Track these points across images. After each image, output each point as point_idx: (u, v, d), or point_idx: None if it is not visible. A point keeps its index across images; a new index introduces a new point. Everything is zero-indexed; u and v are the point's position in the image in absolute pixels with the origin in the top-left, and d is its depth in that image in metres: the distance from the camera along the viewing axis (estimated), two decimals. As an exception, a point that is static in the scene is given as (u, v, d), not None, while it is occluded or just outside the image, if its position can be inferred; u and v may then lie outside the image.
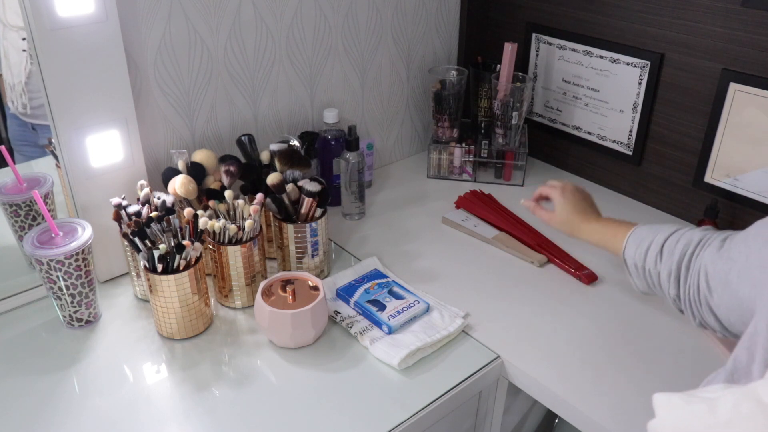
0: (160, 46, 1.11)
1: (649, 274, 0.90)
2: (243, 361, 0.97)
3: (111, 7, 0.97)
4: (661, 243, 0.89)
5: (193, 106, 1.20)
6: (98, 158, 1.05)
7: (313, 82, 1.36)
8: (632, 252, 0.93)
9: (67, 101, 0.98)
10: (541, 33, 1.47)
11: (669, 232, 0.89)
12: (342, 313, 1.05)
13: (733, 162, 1.22)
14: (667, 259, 0.87)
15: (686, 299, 0.84)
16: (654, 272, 0.89)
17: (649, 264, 0.90)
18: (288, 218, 1.11)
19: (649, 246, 0.90)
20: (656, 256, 0.89)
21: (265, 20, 1.23)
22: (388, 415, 0.88)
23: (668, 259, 0.87)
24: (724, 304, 0.75)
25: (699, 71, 1.23)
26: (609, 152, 1.43)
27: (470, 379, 0.95)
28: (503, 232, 1.28)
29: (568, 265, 1.18)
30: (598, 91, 1.41)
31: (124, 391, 0.92)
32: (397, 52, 1.48)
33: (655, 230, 0.92)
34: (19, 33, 1.02)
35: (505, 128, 1.44)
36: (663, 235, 0.90)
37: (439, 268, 1.19)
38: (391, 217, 1.36)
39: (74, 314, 1.01)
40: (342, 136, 1.32)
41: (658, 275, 0.89)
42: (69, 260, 0.96)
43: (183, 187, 1.05)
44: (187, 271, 0.96)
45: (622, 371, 0.96)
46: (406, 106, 1.57)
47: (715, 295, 0.76)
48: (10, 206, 1.07)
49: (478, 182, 1.49)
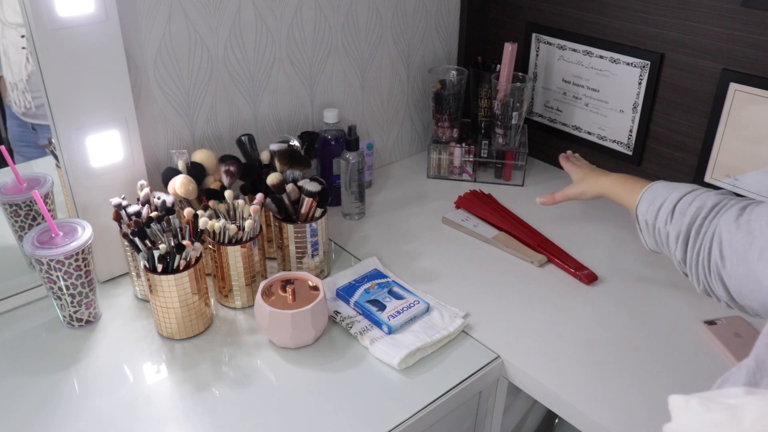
0: (160, 46, 1.11)
1: (659, 233, 0.89)
2: (243, 361, 0.97)
3: (111, 7, 0.97)
4: (675, 202, 0.86)
5: (193, 106, 1.20)
6: (98, 158, 1.05)
7: (313, 82, 1.36)
8: (645, 208, 0.92)
9: (67, 101, 0.98)
10: (541, 33, 1.47)
11: (684, 192, 0.87)
12: (342, 313, 1.05)
13: (733, 162, 1.22)
14: (678, 219, 0.85)
15: (692, 263, 0.82)
16: (663, 231, 0.87)
17: (660, 222, 0.88)
18: (288, 218, 1.11)
19: (662, 204, 0.88)
20: (668, 215, 0.86)
21: (265, 20, 1.23)
22: (388, 415, 0.88)
23: (679, 219, 0.84)
24: (737, 277, 0.73)
25: (699, 71, 1.23)
26: (609, 152, 1.43)
27: (470, 379, 0.95)
28: (503, 232, 1.28)
29: (568, 265, 1.18)
30: (598, 91, 1.41)
31: (124, 391, 0.92)
32: (397, 52, 1.48)
33: (671, 188, 0.90)
34: (18, 31, 1.01)
35: (505, 128, 1.45)
36: (678, 194, 0.87)
37: (439, 268, 1.19)
38: (391, 217, 1.36)
39: (74, 314, 1.01)
40: (342, 136, 1.32)
41: (667, 235, 0.87)
42: (69, 260, 0.96)
43: (183, 187, 1.05)
44: (187, 271, 0.96)
45: (622, 371, 0.96)
46: (406, 106, 1.57)
47: (728, 265, 0.74)
48: (10, 206, 1.07)
49: (478, 182, 1.49)
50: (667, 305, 1.10)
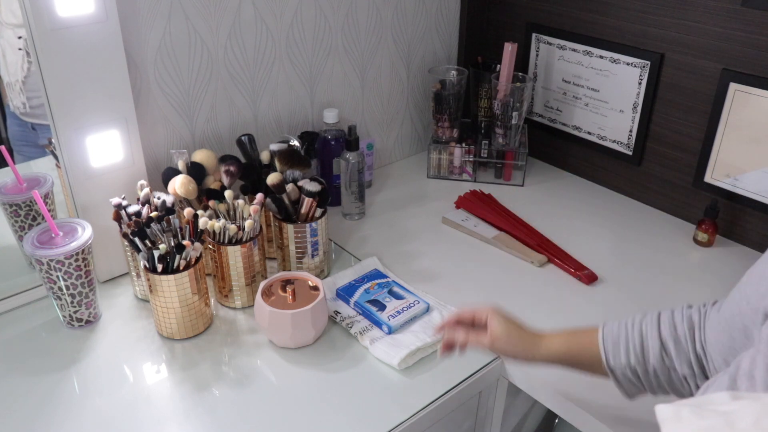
0: (160, 46, 1.11)
1: (654, 374, 0.77)
2: (243, 361, 0.97)
3: (111, 7, 0.97)
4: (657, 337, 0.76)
5: (193, 106, 1.20)
6: (98, 158, 1.05)
7: (313, 82, 1.36)
8: (621, 358, 0.78)
9: (67, 101, 0.98)
10: (541, 33, 1.47)
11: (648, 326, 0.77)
12: (342, 313, 1.05)
13: (733, 162, 1.22)
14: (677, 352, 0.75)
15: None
16: (662, 369, 0.76)
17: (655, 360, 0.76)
18: (288, 218, 1.11)
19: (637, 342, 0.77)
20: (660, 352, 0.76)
21: (265, 20, 1.23)
22: (388, 416, 0.88)
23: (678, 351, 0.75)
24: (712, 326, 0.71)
25: (699, 71, 1.23)
26: (609, 152, 1.43)
27: (470, 379, 0.95)
28: (503, 232, 1.28)
29: (568, 265, 1.18)
30: (598, 91, 1.41)
31: (124, 391, 0.92)
32: (397, 52, 1.48)
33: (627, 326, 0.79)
34: (15, 31, 1.01)
35: (505, 128, 1.44)
36: (645, 328, 0.77)
37: (439, 268, 1.19)
38: (391, 217, 1.36)
39: (74, 314, 1.01)
40: (342, 136, 1.32)
41: (668, 371, 0.76)
42: (69, 260, 0.96)
43: (183, 187, 1.05)
44: (187, 271, 0.96)
45: (622, 371, 0.96)
46: (406, 106, 1.57)
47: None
48: (10, 206, 1.07)
49: (478, 182, 1.49)
50: (666, 305, 1.09)
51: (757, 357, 0.58)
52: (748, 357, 0.59)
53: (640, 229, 1.32)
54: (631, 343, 0.77)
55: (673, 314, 0.77)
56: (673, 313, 0.78)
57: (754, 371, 0.57)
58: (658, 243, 1.27)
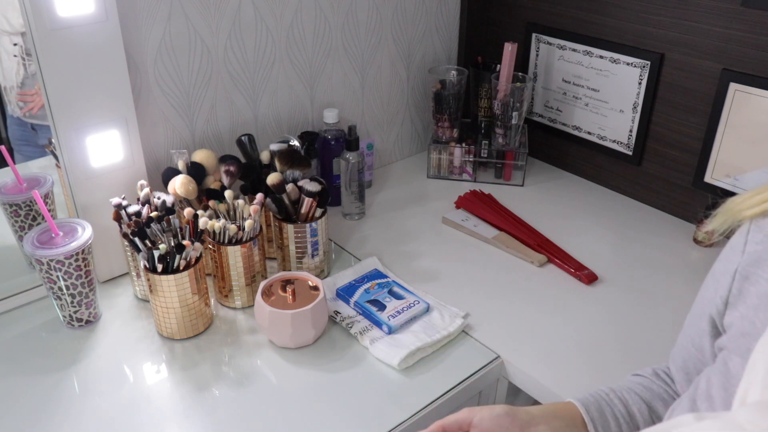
0: (160, 46, 1.11)
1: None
2: (243, 361, 0.97)
3: (111, 7, 0.97)
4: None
5: (193, 106, 1.20)
6: (98, 158, 1.05)
7: (313, 82, 1.36)
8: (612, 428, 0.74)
9: (67, 101, 0.98)
10: (541, 33, 1.47)
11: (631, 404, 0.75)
12: (342, 313, 1.05)
13: (733, 162, 1.22)
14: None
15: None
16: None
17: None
18: (288, 218, 1.11)
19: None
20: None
21: (265, 20, 1.23)
22: (387, 416, 0.88)
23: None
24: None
25: (699, 71, 1.23)
26: (609, 152, 1.43)
27: (470, 379, 0.95)
28: (503, 232, 1.28)
29: (568, 265, 1.18)
30: (598, 91, 1.41)
31: (124, 391, 0.92)
32: (397, 52, 1.48)
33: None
34: (10, 38, 1.02)
35: (505, 128, 1.45)
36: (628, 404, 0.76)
37: (439, 268, 1.19)
38: (391, 217, 1.36)
39: (74, 314, 1.01)
40: (342, 136, 1.32)
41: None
42: (69, 260, 0.96)
43: (183, 187, 1.05)
44: (187, 271, 0.96)
45: (622, 371, 0.96)
46: (406, 106, 1.57)
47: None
48: (10, 206, 1.07)
49: (478, 182, 1.49)
50: (667, 305, 1.10)
51: (712, 376, 0.60)
52: (704, 377, 0.61)
53: (640, 228, 1.32)
54: (617, 411, 0.75)
55: (641, 383, 0.78)
56: (639, 382, 0.79)
57: (711, 390, 0.59)
58: (658, 243, 1.27)
